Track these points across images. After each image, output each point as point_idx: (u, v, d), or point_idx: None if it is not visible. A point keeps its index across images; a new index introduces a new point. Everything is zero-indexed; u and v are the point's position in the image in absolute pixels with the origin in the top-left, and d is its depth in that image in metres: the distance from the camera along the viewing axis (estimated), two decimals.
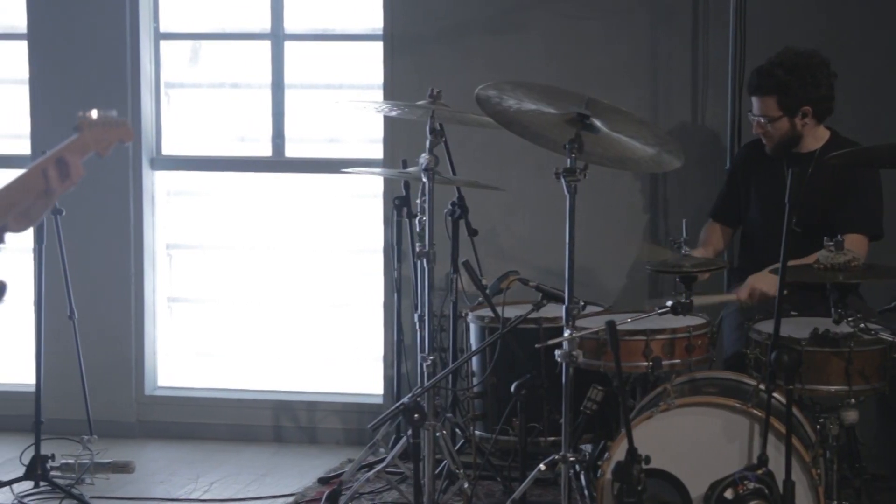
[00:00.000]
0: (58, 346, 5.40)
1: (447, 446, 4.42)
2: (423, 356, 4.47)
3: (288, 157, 5.86)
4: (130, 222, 5.77)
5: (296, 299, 5.92)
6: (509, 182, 5.33)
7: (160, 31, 5.85)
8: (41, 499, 4.77)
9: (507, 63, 5.45)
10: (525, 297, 4.59)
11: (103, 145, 2.70)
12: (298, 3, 5.80)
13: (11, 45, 5.93)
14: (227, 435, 5.75)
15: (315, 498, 4.79)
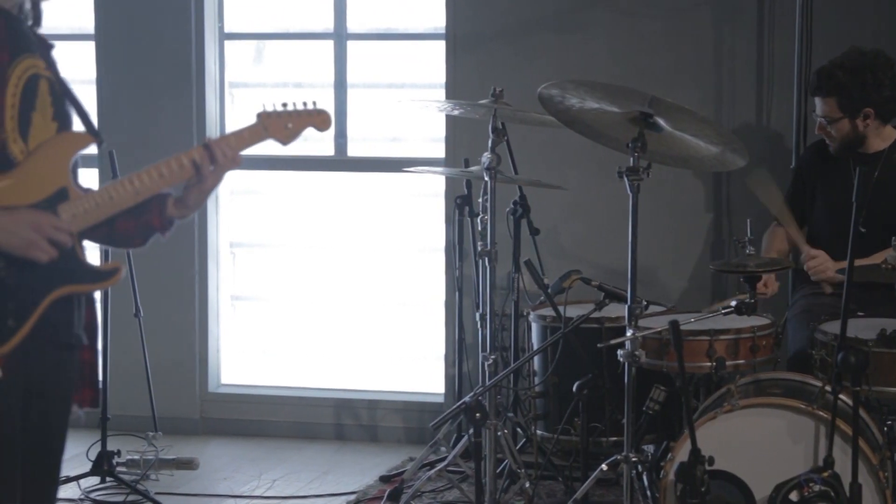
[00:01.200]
0: (124, 343, 5.46)
1: (508, 445, 4.41)
2: (485, 355, 4.48)
3: (350, 157, 5.88)
4: (195, 221, 5.82)
5: (358, 298, 5.94)
6: (571, 181, 5.32)
7: (225, 31, 5.90)
8: (107, 494, 4.82)
9: (570, 62, 5.43)
10: (587, 296, 4.58)
11: (286, 133, 2.76)
12: (361, 3, 5.82)
13: (80, 45, 6.01)
14: (288, 432, 5.79)
15: (376, 496, 4.80)
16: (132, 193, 2.58)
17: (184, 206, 2.69)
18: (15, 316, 2.42)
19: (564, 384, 4.51)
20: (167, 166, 2.63)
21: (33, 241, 2.42)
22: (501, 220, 4.84)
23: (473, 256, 5.20)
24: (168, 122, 5.72)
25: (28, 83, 2.52)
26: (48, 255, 2.44)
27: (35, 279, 2.45)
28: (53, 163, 2.53)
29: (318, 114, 2.81)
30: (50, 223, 2.45)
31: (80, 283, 2.53)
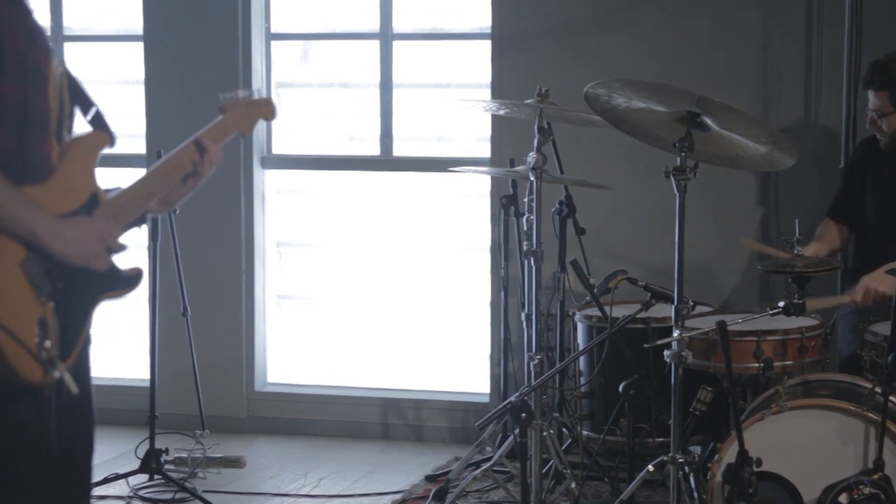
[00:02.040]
0: (171, 342, 5.51)
1: (554, 446, 4.41)
2: (530, 355, 4.47)
3: (396, 157, 5.89)
4: (241, 220, 5.86)
5: (403, 297, 5.95)
6: (617, 180, 5.29)
7: (271, 31, 5.93)
8: (156, 492, 4.86)
9: (616, 61, 5.41)
10: (633, 296, 4.56)
11: (247, 125, 2.73)
12: (407, 3, 5.83)
13: (129, 46, 6.07)
14: (334, 431, 5.80)
15: (422, 495, 4.81)
16: (146, 194, 2.57)
17: (168, 203, 2.67)
18: (73, 329, 2.43)
19: (610, 384, 4.49)
20: (169, 165, 2.60)
21: (98, 252, 2.42)
22: (547, 219, 4.83)
23: (519, 256, 5.19)
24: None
25: (61, 83, 2.50)
26: (107, 264, 2.44)
27: (84, 290, 2.45)
28: (83, 167, 2.50)
29: (267, 104, 2.77)
30: (108, 232, 2.45)
31: (116, 289, 2.53)
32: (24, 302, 2.33)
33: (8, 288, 2.32)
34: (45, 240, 2.34)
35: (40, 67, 2.42)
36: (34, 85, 2.40)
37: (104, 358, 6.05)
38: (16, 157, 2.37)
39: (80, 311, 2.45)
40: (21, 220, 2.32)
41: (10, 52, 2.35)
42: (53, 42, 6.07)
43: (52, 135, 2.44)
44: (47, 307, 2.35)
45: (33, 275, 2.35)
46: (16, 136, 2.37)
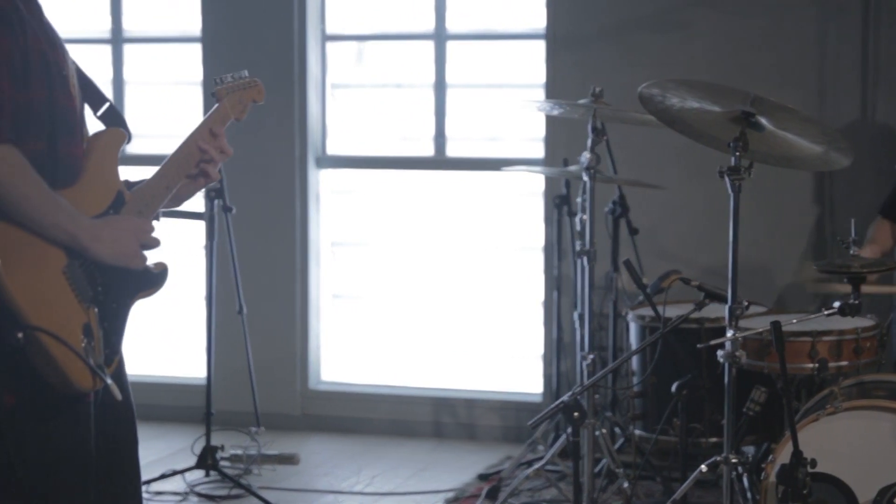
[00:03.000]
0: (227, 340, 5.56)
1: (607, 445, 4.41)
2: (583, 354, 4.47)
3: (449, 156, 5.92)
4: (296, 220, 5.91)
5: (456, 297, 5.97)
6: (671, 180, 5.29)
7: (327, 32, 5.98)
8: (212, 488, 4.91)
9: (670, 61, 5.40)
10: (687, 296, 4.55)
11: (239, 109, 2.66)
12: (461, 4, 5.85)
13: (187, 48, 6.14)
14: (387, 429, 5.84)
15: (474, 494, 4.83)
16: (164, 188, 2.51)
17: (178, 199, 2.60)
18: (114, 332, 2.41)
19: (663, 384, 4.49)
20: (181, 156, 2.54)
21: (135, 250, 2.39)
22: (600, 219, 4.84)
23: (572, 256, 5.20)
24: (271, 123, 5.81)
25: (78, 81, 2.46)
26: (144, 261, 2.42)
27: (120, 292, 2.42)
28: (107, 166, 2.45)
29: (256, 85, 2.72)
30: (143, 228, 2.42)
31: (148, 289, 2.49)
32: (69, 309, 2.32)
33: (53, 295, 2.30)
34: (85, 243, 2.32)
35: (60, 66, 2.39)
36: (58, 85, 2.37)
37: (161, 356, 6.13)
38: (48, 161, 2.35)
39: (120, 313, 2.43)
40: (61, 225, 2.30)
41: (35, 53, 2.33)
42: (114, 45, 6.17)
43: (78, 135, 2.42)
44: (91, 312, 2.34)
45: (76, 280, 2.33)
46: (46, 140, 2.35)
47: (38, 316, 2.25)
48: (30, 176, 2.27)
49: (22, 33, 2.30)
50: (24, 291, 2.25)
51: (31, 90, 2.31)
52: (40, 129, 2.33)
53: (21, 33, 2.30)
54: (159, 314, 5.97)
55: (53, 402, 2.33)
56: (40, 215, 2.27)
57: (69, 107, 2.39)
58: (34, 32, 2.34)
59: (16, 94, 2.27)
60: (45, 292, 2.29)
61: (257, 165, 5.76)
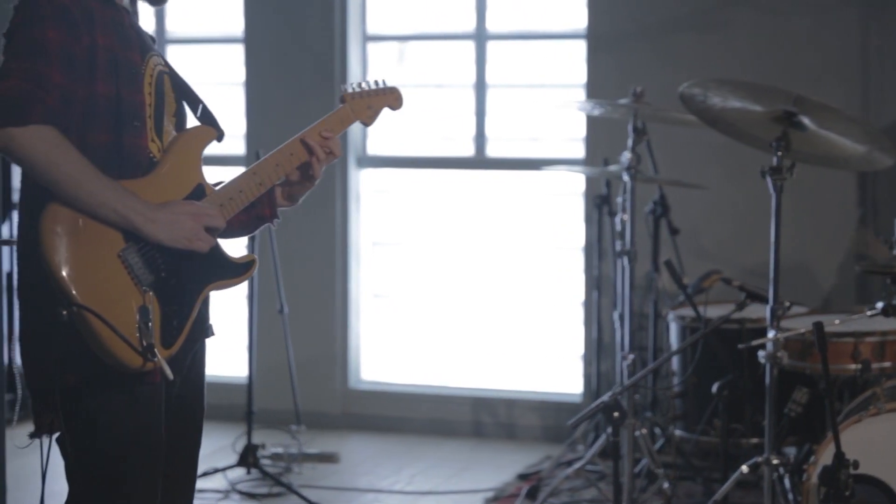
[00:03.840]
0: (269, 339, 5.60)
1: (647, 445, 4.40)
2: (623, 354, 4.47)
3: (490, 156, 5.93)
4: (337, 219, 5.94)
5: (496, 296, 5.98)
6: (712, 180, 5.27)
7: (368, 33, 6.00)
8: (253, 486, 4.94)
9: (711, 60, 5.38)
10: (728, 297, 4.54)
11: (368, 114, 2.76)
12: (502, 4, 5.86)
13: (229, 49, 6.19)
14: (427, 429, 5.85)
15: (514, 493, 4.83)
16: (256, 185, 2.59)
17: (291, 198, 2.72)
18: (178, 317, 2.45)
19: (704, 385, 4.48)
20: (281, 155, 2.64)
21: (196, 232, 2.43)
22: (641, 219, 4.83)
23: (612, 256, 5.20)
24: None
25: (158, 81, 2.55)
26: (208, 244, 2.46)
27: (190, 279, 2.48)
28: (188, 160, 2.52)
29: (392, 92, 2.81)
30: (203, 210, 2.47)
31: (225, 278, 2.55)
32: (123, 290, 2.37)
33: (108, 277, 2.36)
34: (139, 225, 2.38)
35: (134, 65, 2.48)
36: (127, 82, 2.45)
37: None
38: (112, 152, 2.43)
39: (185, 299, 2.48)
40: (111, 205, 2.35)
41: (102, 52, 2.42)
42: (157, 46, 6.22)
43: (148, 129, 2.49)
44: (147, 295, 2.39)
45: (132, 264, 2.39)
46: (111, 132, 2.44)
47: (89, 296, 2.32)
48: (71, 155, 2.35)
49: (90, 32, 2.41)
50: (78, 271, 2.32)
51: (97, 85, 2.41)
52: (105, 122, 2.43)
53: (89, 32, 2.41)
54: None
55: (114, 381, 2.40)
56: (85, 194, 2.34)
57: (138, 102, 2.48)
58: (105, 32, 2.44)
59: (68, 84, 2.37)
60: (98, 273, 2.35)
61: None
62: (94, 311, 2.31)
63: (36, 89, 2.33)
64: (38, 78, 2.34)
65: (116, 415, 2.42)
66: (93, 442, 2.43)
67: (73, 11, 2.39)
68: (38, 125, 2.32)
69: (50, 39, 2.36)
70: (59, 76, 2.36)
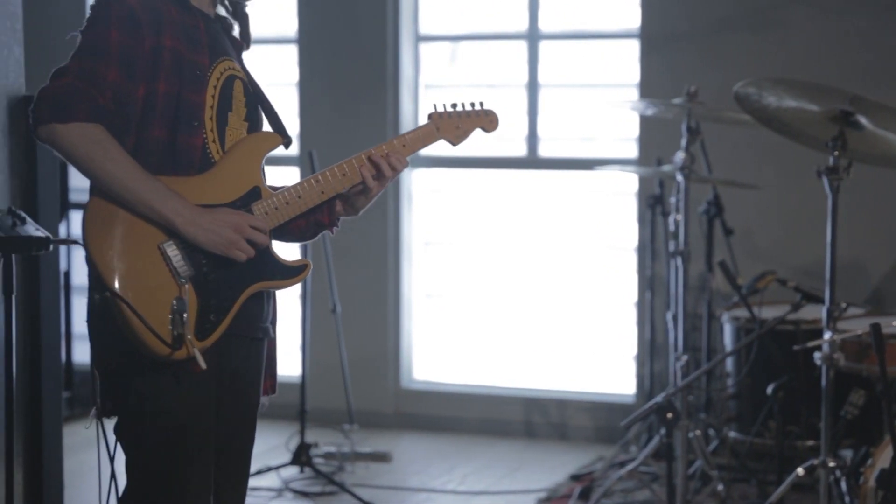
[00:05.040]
0: (321, 338, 5.63)
1: (700, 447, 4.38)
2: (677, 355, 4.45)
3: (542, 156, 5.92)
4: (389, 219, 5.95)
5: (548, 296, 5.97)
6: (767, 180, 5.23)
7: (420, 33, 6.02)
8: (306, 484, 4.96)
9: (765, 60, 5.34)
10: (783, 297, 4.51)
11: (456, 134, 2.82)
12: (554, 3, 5.85)
13: (283, 49, 6.22)
14: (478, 428, 5.85)
15: (566, 494, 4.82)
16: (318, 192, 2.63)
17: (352, 207, 2.74)
18: (216, 311, 2.50)
19: (758, 386, 4.45)
20: (349, 165, 2.67)
21: (234, 241, 2.49)
22: (694, 219, 4.81)
23: (665, 256, 5.18)
24: (365, 124, 5.87)
25: (225, 84, 2.60)
26: (246, 254, 2.51)
27: (233, 276, 2.53)
28: (247, 162, 2.58)
29: (487, 115, 2.86)
30: (248, 223, 2.51)
31: (272, 279, 2.59)
32: (160, 281, 2.45)
33: (146, 267, 2.45)
34: (178, 226, 2.45)
35: (199, 67, 2.54)
36: (189, 83, 2.52)
37: None
38: (166, 149, 2.51)
39: (226, 295, 2.52)
40: (149, 203, 2.44)
41: (168, 52, 2.50)
42: None
43: (207, 130, 2.55)
44: (184, 288, 2.46)
45: (171, 256, 2.47)
46: (168, 129, 2.51)
47: (125, 284, 2.42)
48: (112, 153, 2.44)
49: (154, 34, 2.50)
50: (109, 258, 2.43)
51: (159, 84, 2.50)
52: (163, 119, 2.51)
53: (152, 34, 2.49)
54: None
55: (160, 367, 2.47)
56: (124, 191, 2.44)
57: (197, 102, 2.54)
58: (174, 34, 2.52)
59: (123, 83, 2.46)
60: (137, 263, 2.45)
61: None
62: (123, 298, 2.40)
63: (89, 88, 2.43)
64: (93, 77, 2.44)
65: (163, 400, 2.49)
66: (143, 427, 2.50)
67: (138, 13, 2.49)
68: (83, 122, 2.43)
69: (112, 40, 2.46)
70: (116, 75, 2.46)
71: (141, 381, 2.49)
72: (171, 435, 2.49)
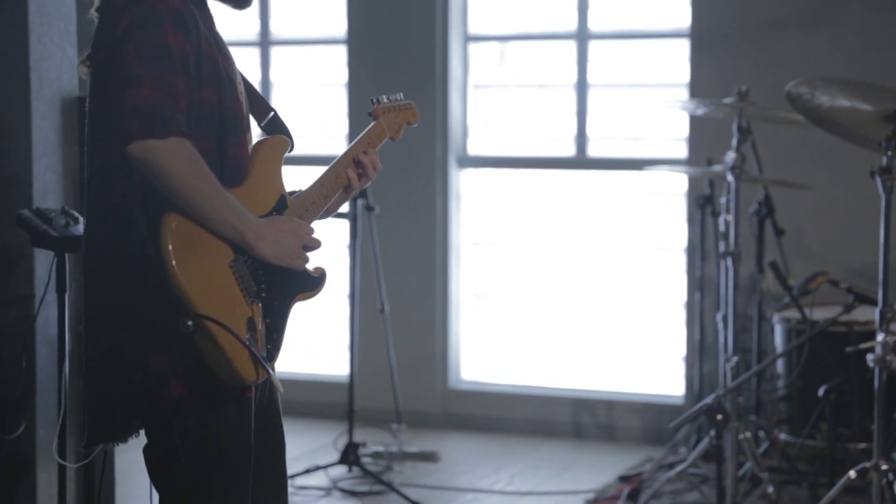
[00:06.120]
0: (369, 338, 5.64)
1: (751, 449, 4.35)
2: (727, 356, 4.42)
3: (591, 156, 5.90)
4: (437, 219, 5.96)
5: (597, 297, 5.95)
6: (819, 180, 5.18)
7: (469, 33, 6.02)
8: (354, 483, 4.97)
9: (817, 59, 5.29)
10: (835, 298, 4.46)
11: (395, 128, 2.76)
12: (604, 3, 5.83)
13: (332, 50, 6.25)
14: (526, 429, 5.85)
15: (615, 495, 4.80)
16: (323, 196, 2.59)
17: (328, 211, 2.66)
18: (276, 329, 2.45)
19: (810, 388, 4.41)
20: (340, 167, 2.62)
21: (296, 250, 2.44)
22: (745, 219, 4.77)
23: (714, 257, 5.14)
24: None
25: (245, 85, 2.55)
26: (305, 262, 2.46)
27: (282, 291, 2.47)
28: (271, 171, 2.51)
29: (410, 107, 2.81)
30: (304, 229, 2.47)
31: (306, 290, 2.53)
32: (234, 302, 2.37)
33: (220, 287, 2.36)
34: (250, 240, 2.36)
35: (229, 72, 2.47)
36: (226, 89, 2.43)
37: (305, 354, 6.24)
38: (216, 160, 2.41)
39: (282, 311, 2.48)
40: (228, 220, 2.34)
41: (207, 58, 2.40)
42: (262, 47, 6.31)
43: (245, 138, 2.49)
44: (255, 307, 2.40)
45: (241, 275, 2.39)
46: (216, 140, 2.42)
47: (206, 306, 2.31)
48: (203, 170, 2.33)
49: (196, 38, 2.38)
50: (194, 281, 2.32)
51: (204, 92, 2.39)
52: (211, 130, 2.41)
53: (196, 38, 2.38)
54: (303, 312, 6.06)
55: (219, 395, 2.40)
56: (211, 210, 2.33)
57: (236, 110, 2.47)
58: (206, 39, 2.43)
59: (189, 92, 2.35)
60: (212, 284, 2.35)
61: (399, 166, 5.82)
62: (220, 322, 2.30)
63: (168, 99, 2.30)
64: (168, 86, 2.31)
65: (216, 427, 2.42)
66: (189, 451, 2.42)
67: (185, 16, 2.37)
68: (177, 137, 2.30)
69: (171, 45, 2.33)
70: (184, 85, 2.34)
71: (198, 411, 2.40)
72: (217, 462, 2.43)
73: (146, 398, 2.41)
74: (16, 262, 3.75)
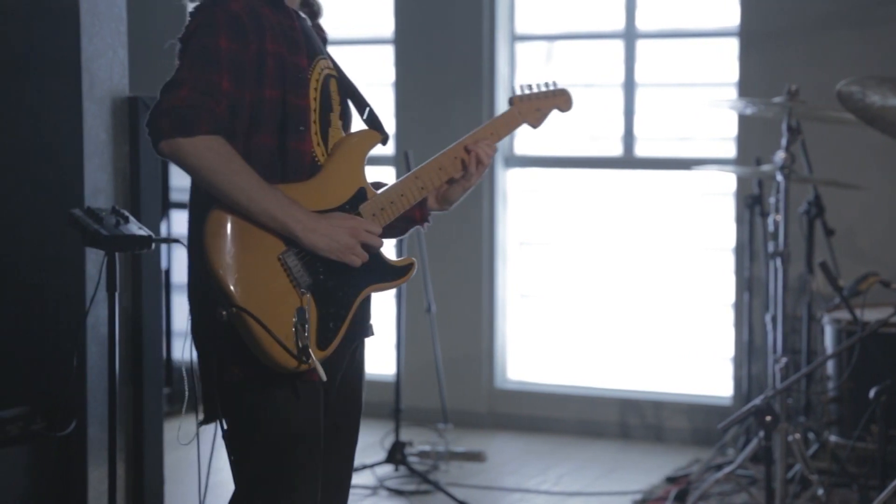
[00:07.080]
0: (416, 338, 5.65)
1: (800, 451, 4.31)
2: (776, 358, 4.39)
3: (638, 156, 5.88)
4: (484, 219, 5.96)
5: (644, 297, 5.92)
6: (870, 180, 5.14)
7: (516, 33, 6.01)
8: (400, 483, 4.98)
9: (868, 58, 5.24)
10: (886, 299, 4.42)
11: (536, 116, 2.77)
12: (652, 2, 5.80)
13: (379, 50, 6.26)
14: (573, 429, 5.83)
15: (662, 496, 4.78)
16: (418, 188, 2.62)
17: (446, 201, 2.72)
18: (334, 319, 2.49)
19: (860, 389, 4.36)
20: (445, 158, 2.66)
21: (351, 247, 2.48)
22: (794, 220, 4.74)
23: (763, 257, 5.11)
24: (460, 123, 5.86)
25: (324, 84, 2.59)
26: (362, 259, 2.50)
27: (348, 281, 2.52)
28: (351, 164, 2.57)
29: (562, 93, 2.80)
30: (364, 228, 2.50)
31: (383, 281, 2.58)
32: (282, 292, 2.43)
33: (268, 279, 2.43)
34: (298, 233, 2.43)
35: (301, 70, 2.52)
36: (293, 87, 2.50)
37: None
38: (276, 156, 2.49)
39: (343, 302, 2.51)
40: (271, 213, 2.41)
41: (271, 57, 2.48)
42: None
43: (312, 134, 2.54)
44: (305, 297, 2.45)
45: (291, 266, 2.45)
46: (277, 136, 2.49)
47: (249, 297, 2.40)
48: (234, 164, 2.42)
49: (259, 38, 2.48)
50: (239, 273, 2.40)
51: (265, 89, 2.48)
52: (271, 125, 2.49)
53: (259, 38, 2.48)
54: None
55: (275, 378, 2.46)
56: (248, 202, 2.41)
57: (303, 107, 2.53)
58: (274, 38, 2.50)
59: (236, 92, 2.44)
60: (259, 275, 2.43)
61: None
62: (251, 314, 2.37)
63: (207, 99, 2.40)
64: (209, 87, 2.41)
65: (278, 410, 2.48)
66: (255, 437, 2.49)
67: (243, 19, 2.46)
68: (206, 135, 2.39)
69: (222, 48, 2.44)
70: (229, 84, 2.43)
71: (259, 393, 2.47)
72: (284, 444, 2.49)
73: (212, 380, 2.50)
74: (67, 261, 3.79)
